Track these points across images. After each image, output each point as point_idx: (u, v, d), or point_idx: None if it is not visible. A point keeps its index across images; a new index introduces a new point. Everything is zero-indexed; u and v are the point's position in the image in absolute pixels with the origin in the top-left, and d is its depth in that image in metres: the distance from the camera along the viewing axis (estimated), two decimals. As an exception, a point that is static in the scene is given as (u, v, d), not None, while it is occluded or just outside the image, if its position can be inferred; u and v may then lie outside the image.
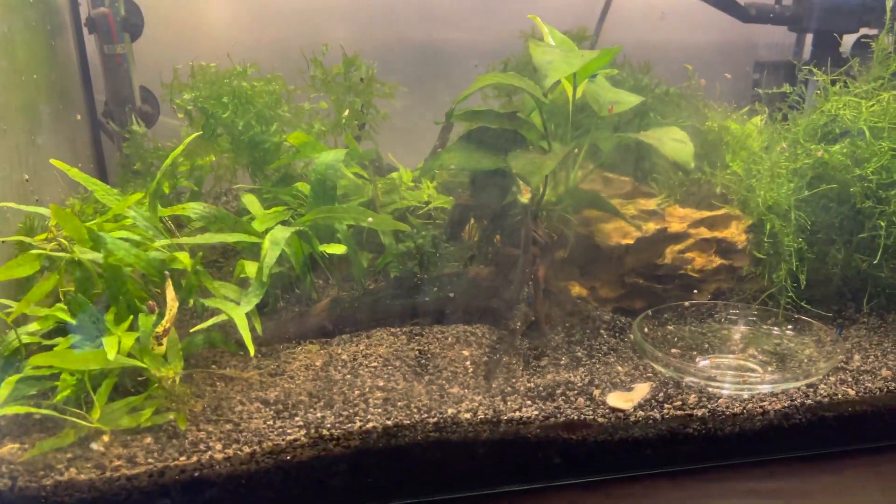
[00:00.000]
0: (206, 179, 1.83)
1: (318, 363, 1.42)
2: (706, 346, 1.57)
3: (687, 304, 1.62)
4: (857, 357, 1.52)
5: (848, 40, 2.10)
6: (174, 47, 2.05)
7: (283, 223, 1.55)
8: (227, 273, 1.57)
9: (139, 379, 1.31)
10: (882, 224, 1.55)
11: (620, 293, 1.72)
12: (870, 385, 1.43)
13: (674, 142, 1.49)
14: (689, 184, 1.73)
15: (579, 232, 1.68)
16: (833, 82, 1.74)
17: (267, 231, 1.51)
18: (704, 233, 1.70)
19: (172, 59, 2.01)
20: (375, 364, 1.41)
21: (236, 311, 1.30)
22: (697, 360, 1.53)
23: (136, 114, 2.03)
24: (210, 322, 1.30)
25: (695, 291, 1.67)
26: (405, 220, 1.74)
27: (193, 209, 1.45)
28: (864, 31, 2.08)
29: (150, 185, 1.68)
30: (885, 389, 1.43)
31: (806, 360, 1.50)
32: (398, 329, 1.52)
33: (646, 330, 1.54)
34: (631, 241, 1.66)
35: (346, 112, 1.70)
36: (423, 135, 2.01)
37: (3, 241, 1.39)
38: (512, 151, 1.49)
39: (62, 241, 1.30)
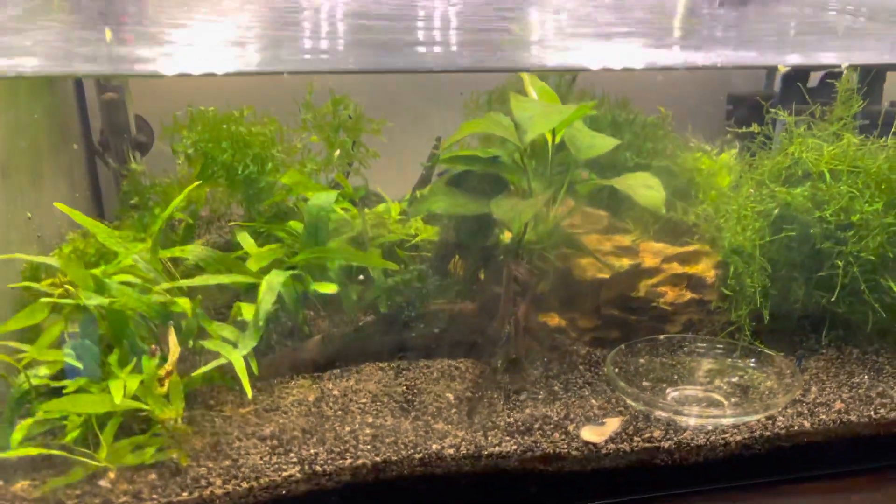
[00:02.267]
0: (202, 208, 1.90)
1: (310, 398, 1.51)
2: (675, 377, 1.67)
3: (662, 337, 1.72)
4: (814, 389, 1.63)
5: (817, 76, 2.20)
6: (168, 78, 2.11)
7: (278, 262, 1.63)
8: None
9: (142, 415, 1.39)
10: (839, 264, 1.66)
11: (597, 324, 1.82)
12: (824, 417, 1.54)
13: (645, 188, 1.58)
14: (663, 221, 1.82)
15: (558, 266, 1.77)
16: (798, 123, 1.84)
17: (261, 270, 1.60)
18: (676, 268, 1.80)
19: (167, 87, 2.08)
20: (365, 400, 1.50)
21: (234, 354, 1.38)
22: (667, 391, 1.64)
23: (130, 144, 2.10)
24: (210, 366, 1.38)
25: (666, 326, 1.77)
26: (393, 254, 1.83)
27: (192, 252, 1.53)
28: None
29: (148, 224, 1.76)
30: (838, 421, 1.54)
31: (767, 392, 1.61)
32: (386, 364, 1.61)
33: (619, 363, 1.64)
34: (607, 276, 1.76)
35: (337, 152, 1.78)
36: (410, 161, 2.09)
37: (11, 287, 1.47)
38: (495, 197, 1.57)
39: (69, 287, 1.37)
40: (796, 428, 1.52)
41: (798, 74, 2.17)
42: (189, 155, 1.67)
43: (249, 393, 1.36)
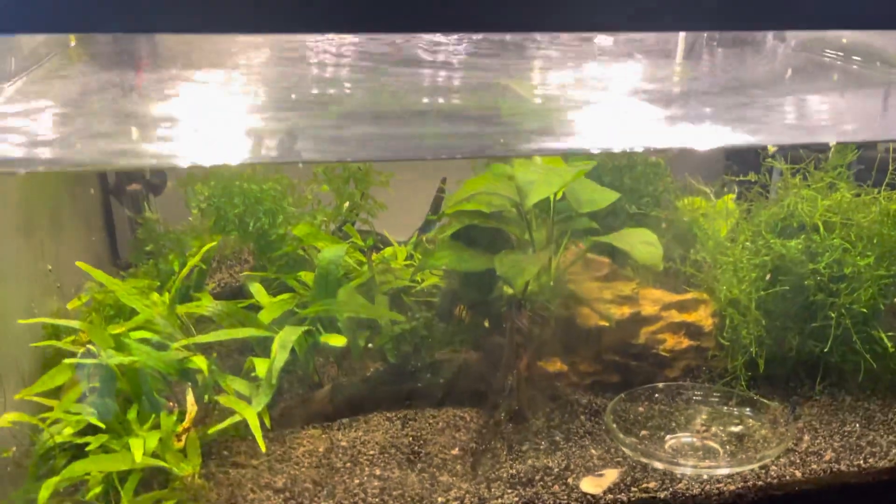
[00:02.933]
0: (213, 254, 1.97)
1: (320, 449, 1.57)
2: (673, 425, 1.73)
3: (661, 385, 1.78)
4: (806, 437, 1.69)
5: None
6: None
7: (289, 313, 1.69)
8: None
9: (161, 471, 1.46)
10: (833, 315, 1.71)
11: (598, 368, 1.87)
12: (815, 467, 1.60)
13: (644, 245, 1.64)
14: (662, 271, 1.88)
15: (560, 313, 1.83)
16: (795, 172, 1.90)
17: (273, 322, 1.66)
18: (675, 316, 1.86)
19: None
20: (373, 451, 1.56)
21: (248, 411, 1.45)
22: (666, 438, 1.70)
23: (144, 186, 2.16)
24: (226, 423, 1.45)
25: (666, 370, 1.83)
26: (400, 301, 1.89)
27: (207, 307, 1.59)
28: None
29: (161, 270, 1.82)
30: (829, 471, 1.60)
31: (761, 441, 1.67)
32: (393, 414, 1.67)
33: (619, 411, 1.70)
34: (607, 324, 1.81)
35: (346, 204, 1.84)
36: (417, 203, 2.15)
37: (34, 346, 1.53)
38: (498, 252, 1.63)
39: (90, 347, 1.44)
40: (788, 478, 1.57)
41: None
42: (202, 209, 1.73)
43: (263, 448, 1.42)
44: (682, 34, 2.52)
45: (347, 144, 1.11)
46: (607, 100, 1.44)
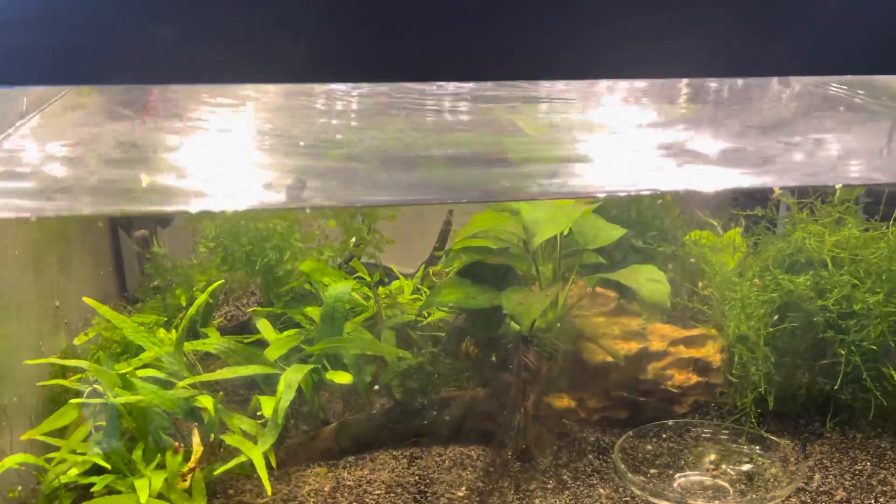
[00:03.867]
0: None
1: (326, 489, 1.56)
2: (682, 463, 1.71)
3: (670, 422, 1.77)
4: (817, 477, 1.67)
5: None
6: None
7: (295, 349, 1.69)
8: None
9: (165, 508, 1.45)
10: (842, 352, 1.70)
11: (606, 404, 1.86)
12: (827, 508, 1.58)
13: (650, 282, 1.63)
14: (669, 307, 1.87)
15: (568, 350, 1.82)
16: (802, 207, 1.89)
17: (279, 359, 1.66)
18: (682, 351, 1.85)
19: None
20: (379, 491, 1.55)
21: (254, 451, 1.44)
22: (675, 477, 1.68)
23: (153, 218, 2.17)
24: (232, 463, 1.44)
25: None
26: (406, 335, 1.88)
27: (214, 346, 1.59)
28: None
29: (168, 304, 1.83)
30: (842, 512, 1.58)
31: (771, 480, 1.65)
32: (399, 452, 1.66)
33: (627, 449, 1.68)
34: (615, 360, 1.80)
35: (353, 239, 1.85)
36: (423, 237, 2.15)
37: (42, 385, 1.53)
38: (505, 288, 1.63)
39: (98, 387, 1.44)
40: (800, 519, 1.55)
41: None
42: (210, 248, 1.74)
43: (269, 490, 1.41)
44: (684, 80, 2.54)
45: (353, 188, 1.11)
46: (614, 141, 1.45)
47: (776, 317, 1.68)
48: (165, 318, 1.79)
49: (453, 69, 0.97)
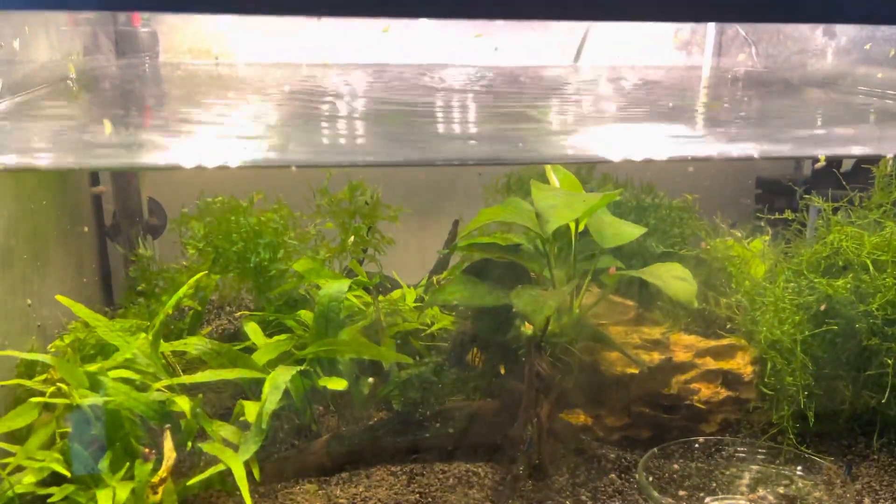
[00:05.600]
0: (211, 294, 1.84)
1: (316, 507, 1.39)
2: (714, 485, 1.53)
3: (701, 439, 1.59)
4: (867, 501, 1.48)
5: (850, 161, 2.12)
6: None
7: (286, 354, 1.54)
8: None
9: (133, 526, 1.28)
10: (889, 362, 1.54)
11: (626, 422, 1.69)
12: (883, 535, 1.39)
13: (676, 280, 1.49)
14: (694, 313, 1.72)
15: (584, 360, 1.66)
16: (835, 209, 1.75)
17: (269, 363, 1.51)
18: (710, 363, 1.68)
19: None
20: (375, 511, 1.38)
21: (234, 460, 1.28)
22: (706, 501, 1.50)
23: (143, 227, 2.06)
24: (208, 473, 1.28)
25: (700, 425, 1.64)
26: (408, 344, 1.74)
27: (195, 345, 1.45)
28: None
29: (153, 311, 1.69)
30: (899, 540, 1.39)
31: (816, 505, 1.47)
32: (398, 468, 1.50)
33: (652, 469, 1.51)
34: (636, 371, 1.64)
35: (352, 238, 1.72)
36: (426, 244, 2.02)
37: (2, 385, 1.39)
38: (515, 288, 1.49)
39: (62, 385, 1.29)
40: (852, 547, 1.37)
41: (830, 160, 2.09)
42: (200, 248, 1.61)
43: (249, 502, 1.25)
44: (706, 73, 2.44)
45: (352, 152, 1.00)
46: (627, 120, 1.34)
47: (817, 311, 1.51)
48: (147, 325, 1.65)
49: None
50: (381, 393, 1.62)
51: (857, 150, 1.44)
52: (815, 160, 1.69)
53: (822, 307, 1.51)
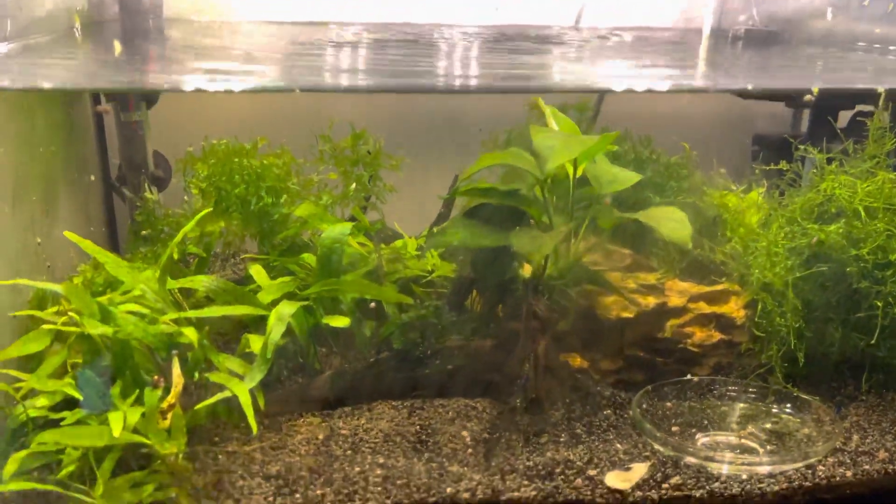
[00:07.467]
0: (215, 243, 1.87)
1: (319, 437, 1.44)
2: (705, 422, 1.58)
3: (693, 378, 1.63)
4: (855, 437, 1.53)
5: (845, 116, 2.14)
6: (187, 113, 2.12)
7: (290, 295, 1.58)
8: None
9: (142, 452, 1.33)
10: (879, 304, 1.57)
11: (621, 365, 1.73)
12: (867, 467, 1.44)
13: (671, 222, 1.52)
14: (689, 259, 1.75)
15: (580, 304, 1.70)
16: (829, 161, 1.78)
17: (273, 303, 1.55)
18: (703, 308, 1.72)
19: (184, 123, 2.08)
20: (376, 440, 1.43)
21: (240, 387, 1.32)
22: (697, 437, 1.54)
23: (148, 179, 2.09)
24: (215, 399, 1.32)
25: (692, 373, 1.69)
26: (409, 290, 1.77)
27: (202, 282, 1.49)
28: (859, 107, 2.13)
29: (160, 257, 1.72)
30: (883, 471, 1.43)
31: (805, 440, 1.51)
32: (399, 402, 1.54)
33: (645, 406, 1.55)
34: (631, 315, 1.68)
35: (354, 185, 1.75)
36: (427, 199, 2.05)
37: (14, 315, 1.43)
38: (514, 229, 1.52)
39: (73, 314, 1.33)
40: (838, 478, 1.41)
41: (827, 113, 2.12)
42: (203, 189, 1.64)
43: (255, 428, 1.29)
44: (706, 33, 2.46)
45: (352, 76, 1.02)
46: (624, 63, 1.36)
47: (807, 254, 1.55)
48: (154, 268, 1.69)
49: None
50: (382, 334, 1.66)
51: (849, 84, 1.46)
52: (810, 93, 1.71)
53: (814, 240, 1.54)
